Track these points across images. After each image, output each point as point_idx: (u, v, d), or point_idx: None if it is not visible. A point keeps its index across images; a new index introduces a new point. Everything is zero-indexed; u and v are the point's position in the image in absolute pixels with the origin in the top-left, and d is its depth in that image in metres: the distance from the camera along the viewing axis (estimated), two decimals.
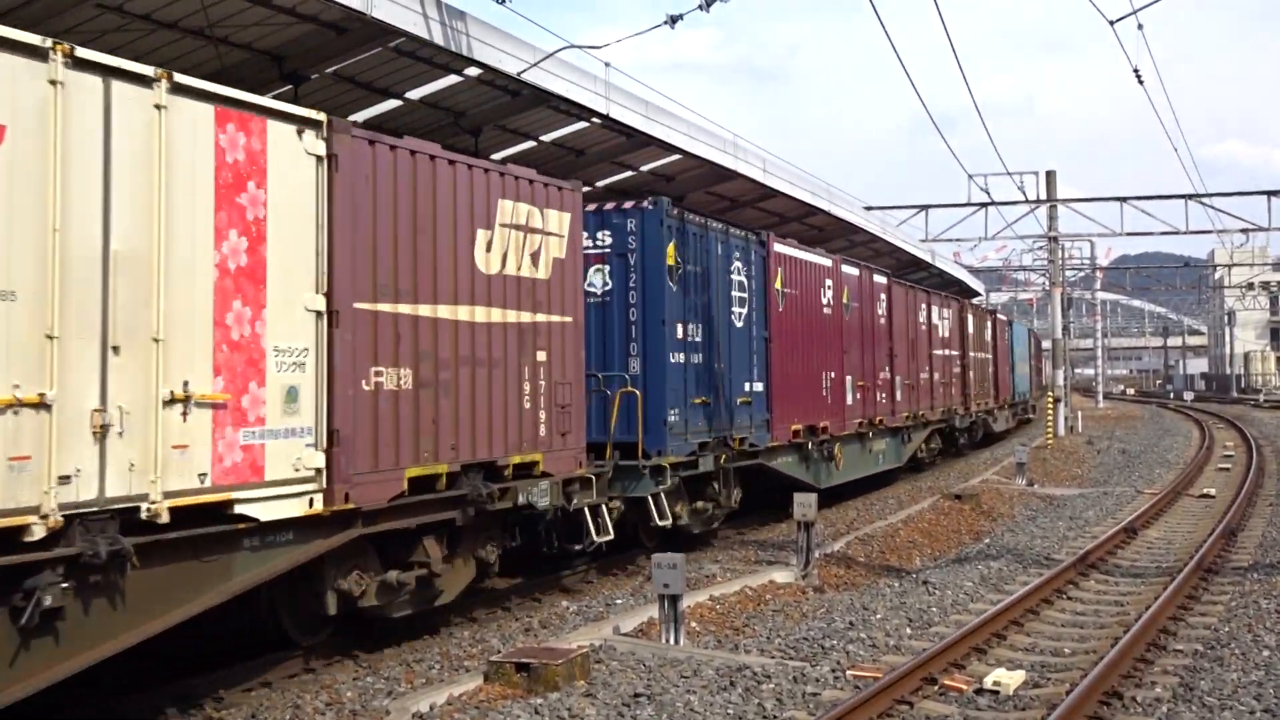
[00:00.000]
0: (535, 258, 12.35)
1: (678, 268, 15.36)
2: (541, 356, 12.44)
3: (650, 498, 14.69)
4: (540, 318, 12.42)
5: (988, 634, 10.72)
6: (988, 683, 9.04)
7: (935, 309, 29.87)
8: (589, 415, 14.04)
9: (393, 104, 17.03)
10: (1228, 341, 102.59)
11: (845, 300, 21.95)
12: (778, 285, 18.71)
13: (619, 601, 12.83)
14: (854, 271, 22.90)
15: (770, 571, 14.44)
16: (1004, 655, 10.37)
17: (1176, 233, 34.69)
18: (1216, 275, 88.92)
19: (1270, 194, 31.82)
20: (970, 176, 30.71)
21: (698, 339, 15.99)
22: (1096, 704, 8.53)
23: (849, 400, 21.80)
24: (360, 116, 16.52)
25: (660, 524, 14.87)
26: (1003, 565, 14.86)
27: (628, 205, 15.34)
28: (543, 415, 12.38)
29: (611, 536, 13.50)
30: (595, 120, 18.55)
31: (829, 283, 21.28)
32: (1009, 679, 9.09)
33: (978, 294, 55.59)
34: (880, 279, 24.82)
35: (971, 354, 33.87)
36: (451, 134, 18.39)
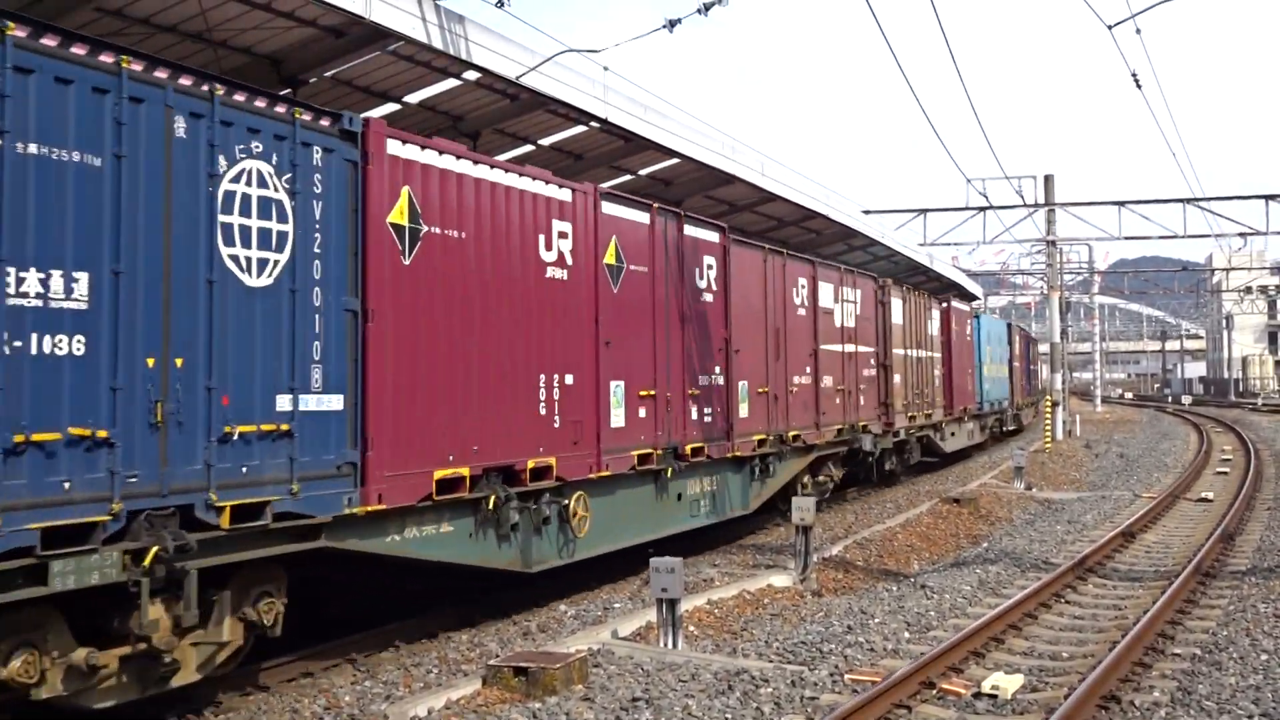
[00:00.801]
0: None
1: None
2: None
3: None
4: None
5: (986, 638, 10.73)
6: (986, 687, 9.04)
7: (829, 288, 21.53)
8: None
9: (391, 107, 17.06)
10: (1226, 345, 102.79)
11: (613, 259, 14.26)
12: (399, 218, 10.70)
13: (617, 606, 12.82)
14: (639, 217, 14.91)
15: (768, 575, 14.44)
16: (1002, 659, 10.38)
17: (1174, 237, 34.74)
18: (1214, 279, 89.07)
19: (1268, 198, 31.83)
20: (969, 180, 30.73)
21: (62, 303, 7.75)
22: (1095, 708, 8.54)
23: (615, 420, 14.07)
24: None
25: None
26: (1001, 569, 14.86)
27: None
28: None
29: None
30: (594, 124, 18.59)
31: (564, 228, 13.25)
32: (1007, 683, 9.09)
33: (975, 297, 55.63)
34: (707, 235, 16.81)
35: (898, 351, 25.79)
36: (450, 138, 18.41)
